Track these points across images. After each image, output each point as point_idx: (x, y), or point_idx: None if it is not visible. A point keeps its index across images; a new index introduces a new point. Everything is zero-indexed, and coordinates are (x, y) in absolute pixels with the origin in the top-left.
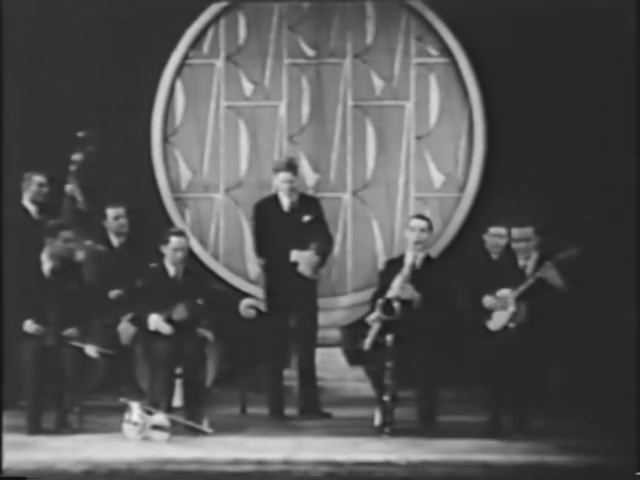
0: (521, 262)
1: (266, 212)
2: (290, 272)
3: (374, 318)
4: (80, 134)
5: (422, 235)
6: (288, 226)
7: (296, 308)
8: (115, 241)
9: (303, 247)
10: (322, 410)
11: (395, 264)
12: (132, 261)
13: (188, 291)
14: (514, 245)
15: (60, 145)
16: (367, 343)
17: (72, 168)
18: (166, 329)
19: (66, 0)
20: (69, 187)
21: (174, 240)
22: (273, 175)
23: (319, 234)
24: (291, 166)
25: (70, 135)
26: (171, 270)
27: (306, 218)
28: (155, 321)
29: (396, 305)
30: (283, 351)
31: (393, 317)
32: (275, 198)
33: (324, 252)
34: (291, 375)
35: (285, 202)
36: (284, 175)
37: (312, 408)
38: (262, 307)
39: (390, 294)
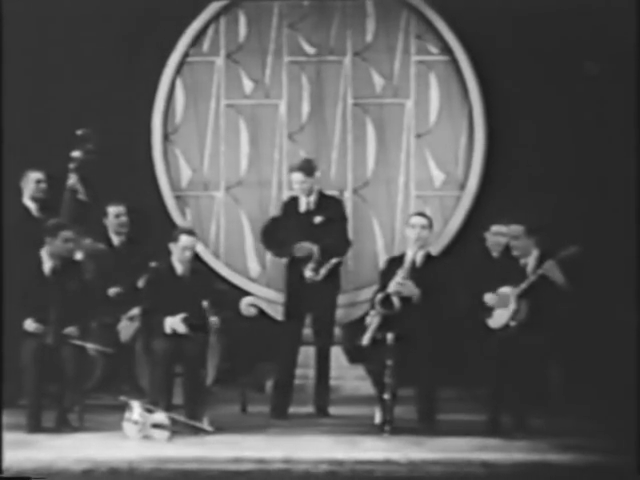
0: (522, 260)
1: (286, 210)
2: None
3: (373, 314)
4: (79, 132)
5: (422, 232)
6: (301, 226)
7: (314, 306)
8: (115, 239)
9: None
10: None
11: (396, 262)
12: (132, 260)
13: (195, 290)
14: (508, 241)
15: (61, 143)
16: (366, 338)
17: (72, 166)
18: (183, 328)
19: None
20: (71, 179)
21: (184, 239)
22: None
23: (331, 236)
24: (304, 167)
25: (71, 133)
26: (179, 268)
27: (317, 219)
28: (171, 323)
29: (395, 300)
30: (295, 350)
31: (392, 312)
32: (296, 198)
33: (324, 254)
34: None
35: (302, 202)
36: (295, 176)
37: (325, 406)
38: (263, 305)
39: (390, 289)
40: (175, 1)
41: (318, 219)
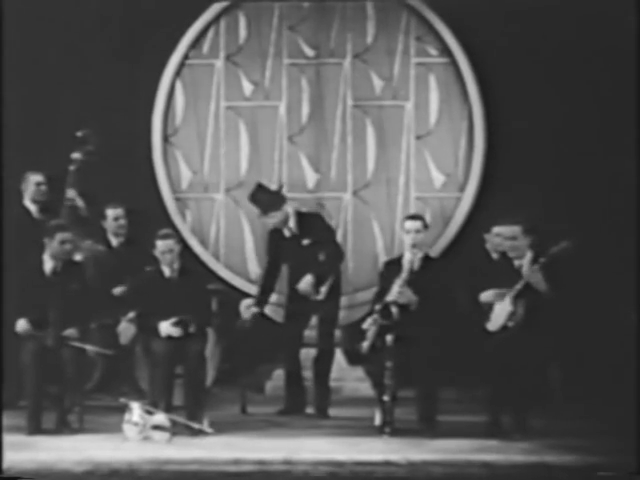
0: (517, 262)
1: (273, 238)
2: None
3: (371, 322)
4: (79, 133)
5: (418, 236)
6: (291, 251)
7: (316, 309)
8: (114, 241)
9: (308, 268)
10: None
11: (393, 265)
12: (131, 261)
13: (184, 291)
14: (503, 243)
15: (61, 145)
16: (365, 346)
17: (72, 167)
18: (177, 332)
19: (66, 0)
20: (69, 193)
21: (159, 243)
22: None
23: (322, 254)
24: (267, 207)
25: (72, 135)
26: (166, 271)
27: (305, 242)
28: (165, 328)
29: (394, 310)
30: (297, 351)
31: (391, 322)
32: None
33: (325, 273)
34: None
35: (285, 230)
36: (263, 219)
37: (325, 408)
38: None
39: (388, 298)
40: (175, 3)
41: (305, 242)
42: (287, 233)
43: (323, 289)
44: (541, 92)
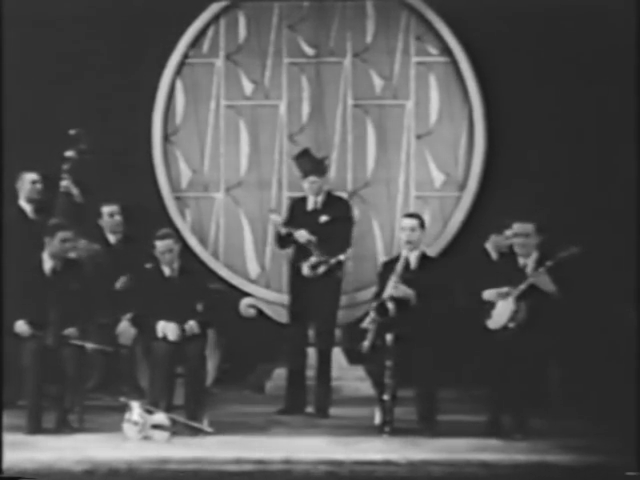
0: (521, 261)
1: (294, 209)
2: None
3: (370, 320)
4: (72, 132)
5: (412, 234)
6: (308, 225)
7: (316, 307)
8: (112, 238)
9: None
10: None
11: (391, 265)
12: (129, 258)
13: (185, 290)
14: (513, 240)
15: (62, 146)
16: (365, 346)
17: (65, 166)
18: (172, 335)
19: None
20: (64, 183)
21: (159, 244)
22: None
23: (333, 234)
24: (317, 169)
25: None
26: (166, 270)
27: (323, 219)
28: (163, 327)
29: (390, 306)
30: (304, 351)
31: (387, 318)
32: (304, 198)
33: (322, 250)
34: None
35: (310, 201)
36: (312, 177)
37: (325, 407)
38: (262, 307)
39: (384, 295)
40: (175, 2)
41: (323, 218)
42: (310, 206)
43: (321, 269)
44: (541, 91)
